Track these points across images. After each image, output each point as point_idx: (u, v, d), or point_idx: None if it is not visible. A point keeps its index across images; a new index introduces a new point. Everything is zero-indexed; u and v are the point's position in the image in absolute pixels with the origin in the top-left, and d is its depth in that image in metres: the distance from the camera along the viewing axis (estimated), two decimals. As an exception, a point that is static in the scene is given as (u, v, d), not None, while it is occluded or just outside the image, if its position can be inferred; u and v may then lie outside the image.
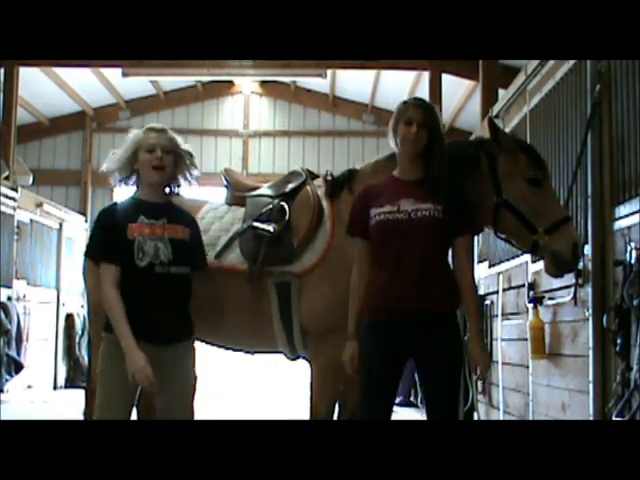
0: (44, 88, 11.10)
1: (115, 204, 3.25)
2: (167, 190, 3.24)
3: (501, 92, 6.67)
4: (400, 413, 6.73)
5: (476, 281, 6.00)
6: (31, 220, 9.41)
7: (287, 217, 3.55)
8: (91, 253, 3.23)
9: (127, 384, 3.00)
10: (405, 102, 3.02)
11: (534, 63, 4.63)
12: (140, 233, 3.07)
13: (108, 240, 3.09)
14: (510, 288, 5.08)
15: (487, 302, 5.76)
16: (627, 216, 3.29)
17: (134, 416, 3.83)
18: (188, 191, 3.38)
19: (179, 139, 3.23)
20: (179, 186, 3.27)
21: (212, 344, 3.73)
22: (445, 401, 2.89)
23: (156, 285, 3.06)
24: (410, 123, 2.91)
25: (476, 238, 5.61)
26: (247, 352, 3.82)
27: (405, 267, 2.85)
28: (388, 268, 2.88)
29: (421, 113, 2.92)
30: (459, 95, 10.36)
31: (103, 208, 3.26)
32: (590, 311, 3.54)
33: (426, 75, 9.24)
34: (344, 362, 3.02)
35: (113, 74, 11.03)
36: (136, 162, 3.16)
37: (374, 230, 2.94)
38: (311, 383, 3.45)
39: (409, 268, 2.85)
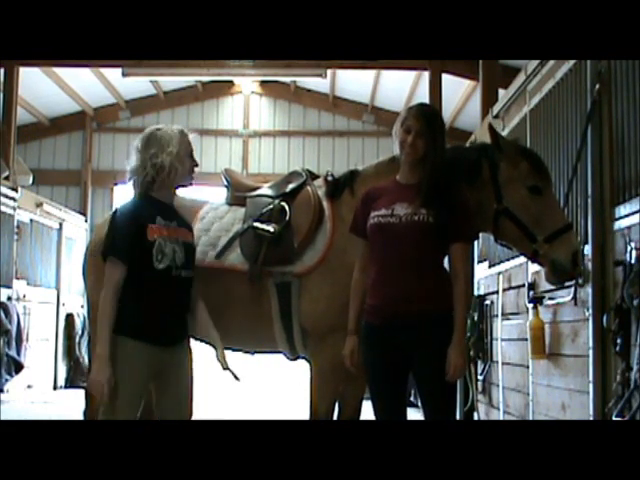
0: (44, 88, 11.11)
1: (130, 203, 3.16)
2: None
3: (501, 92, 6.67)
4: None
5: (475, 283, 5.98)
6: (31, 220, 9.42)
7: (287, 217, 3.55)
8: (105, 252, 3.07)
9: (134, 384, 2.99)
10: (410, 108, 3.05)
11: (534, 63, 4.62)
12: (160, 235, 3.03)
13: (124, 240, 3.02)
14: (510, 288, 5.08)
15: (487, 302, 5.75)
16: (627, 216, 3.29)
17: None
18: (189, 191, 3.40)
19: None
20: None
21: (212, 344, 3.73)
22: (438, 404, 2.90)
23: (170, 288, 3.05)
24: (408, 131, 2.94)
25: (476, 238, 5.62)
26: (247, 352, 3.82)
27: (395, 270, 2.89)
28: (380, 270, 2.93)
29: (420, 122, 2.93)
30: (459, 95, 10.37)
31: (119, 207, 3.16)
32: (590, 311, 3.53)
33: (426, 75, 9.25)
34: (344, 356, 3.06)
35: (113, 74, 11.03)
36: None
37: (370, 232, 2.99)
38: (311, 383, 3.45)
39: (398, 271, 2.88)
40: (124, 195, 12.90)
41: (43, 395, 9.24)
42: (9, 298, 8.32)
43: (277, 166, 12.76)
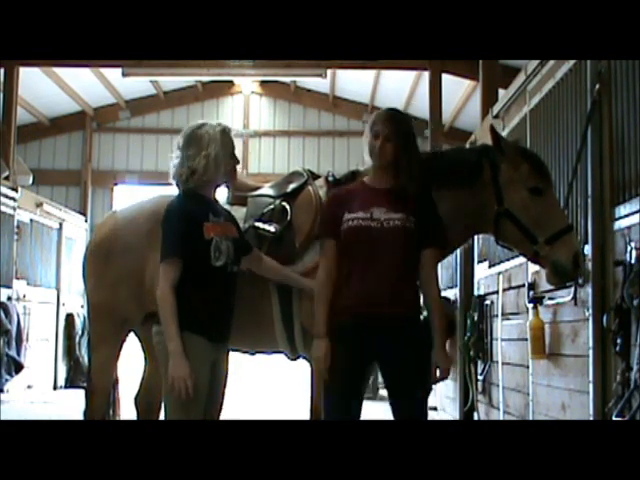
0: (44, 88, 11.12)
1: (178, 202, 3.14)
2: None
3: (501, 92, 6.67)
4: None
5: (475, 283, 5.97)
6: (31, 220, 9.41)
7: (289, 217, 3.55)
8: (162, 253, 3.04)
9: (205, 380, 3.01)
10: (378, 113, 3.03)
11: (534, 63, 4.63)
12: (216, 233, 3.05)
13: (179, 239, 3.02)
14: (510, 288, 5.08)
15: (487, 302, 5.75)
16: (627, 216, 3.29)
17: (133, 416, 3.84)
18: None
19: None
20: None
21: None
22: (405, 404, 2.90)
23: (226, 284, 3.10)
24: (377, 136, 2.94)
25: (476, 238, 5.62)
26: (247, 352, 3.82)
27: (373, 272, 2.87)
28: (358, 272, 2.90)
29: (388, 127, 2.93)
30: (459, 95, 10.37)
31: (171, 208, 3.12)
32: (590, 311, 3.53)
33: (426, 75, 9.26)
34: (317, 359, 2.94)
35: (113, 74, 11.04)
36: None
37: (347, 235, 2.94)
38: (311, 383, 3.45)
39: (377, 273, 2.87)
40: (123, 195, 12.91)
41: (43, 395, 9.23)
42: (9, 298, 8.32)
43: (277, 166, 12.78)
